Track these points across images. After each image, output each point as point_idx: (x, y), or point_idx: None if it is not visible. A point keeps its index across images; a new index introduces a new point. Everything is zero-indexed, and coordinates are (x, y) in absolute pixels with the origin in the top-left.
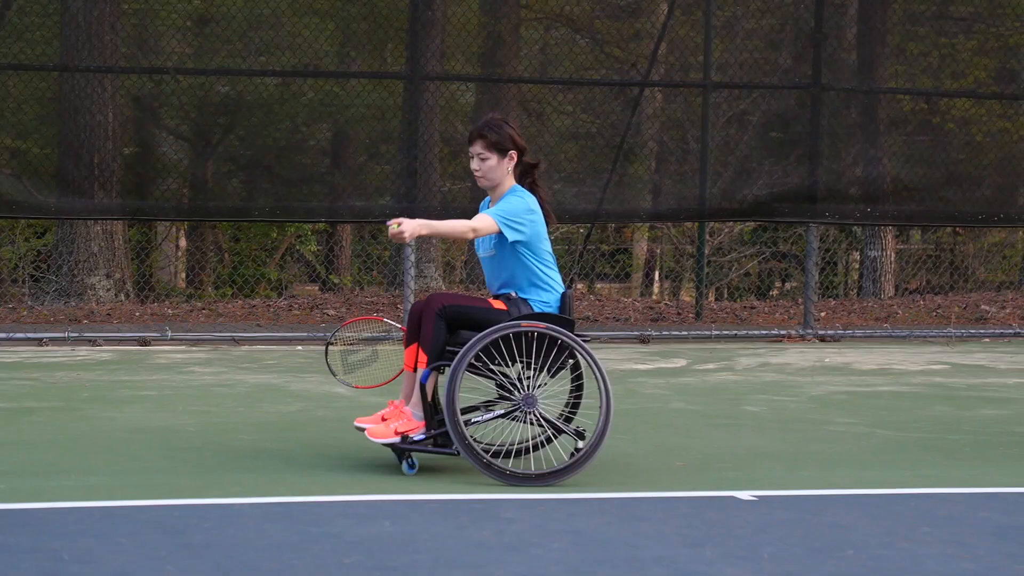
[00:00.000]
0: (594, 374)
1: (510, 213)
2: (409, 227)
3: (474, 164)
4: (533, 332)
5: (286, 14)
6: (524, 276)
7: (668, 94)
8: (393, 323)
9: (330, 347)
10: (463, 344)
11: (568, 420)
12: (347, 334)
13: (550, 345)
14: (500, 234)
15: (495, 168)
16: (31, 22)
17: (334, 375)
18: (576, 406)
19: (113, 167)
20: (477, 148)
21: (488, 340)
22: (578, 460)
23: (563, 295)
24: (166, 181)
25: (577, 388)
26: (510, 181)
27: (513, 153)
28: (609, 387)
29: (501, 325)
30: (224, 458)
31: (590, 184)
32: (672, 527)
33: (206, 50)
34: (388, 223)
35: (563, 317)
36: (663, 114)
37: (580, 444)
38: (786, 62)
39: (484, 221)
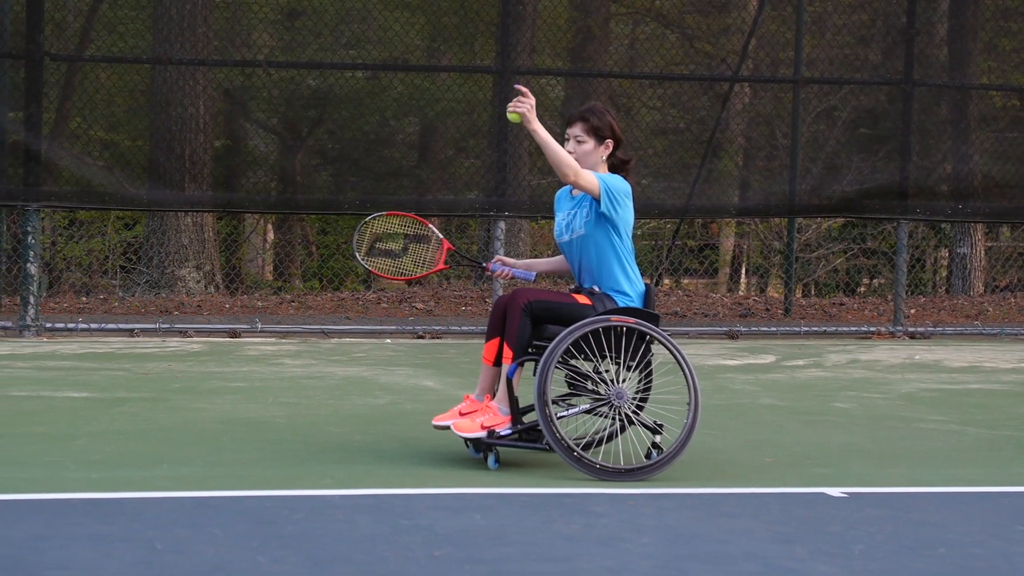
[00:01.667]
0: (682, 370)
1: (612, 187)
2: (533, 121)
3: (569, 146)
4: (622, 327)
5: (376, 8)
6: (610, 264)
7: (757, 89)
8: (436, 231)
9: (365, 226)
10: (550, 339)
11: (636, 412)
12: (382, 223)
13: (637, 340)
14: (592, 215)
15: (590, 153)
16: (124, 15)
17: (356, 252)
18: (645, 399)
19: (204, 159)
20: (576, 130)
21: (579, 334)
22: (667, 456)
23: (646, 289)
24: (256, 174)
25: (647, 382)
26: (603, 170)
27: (609, 142)
28: (697, 383)
29: (591, 319)
30: (314, 450)
31: (678, 179)
32: (762, 523)
33: (296, 43)
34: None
35: (649, 311)
36: (751, 109)
37: (658, 438)
38: (876, 58)
39: (588, 175)
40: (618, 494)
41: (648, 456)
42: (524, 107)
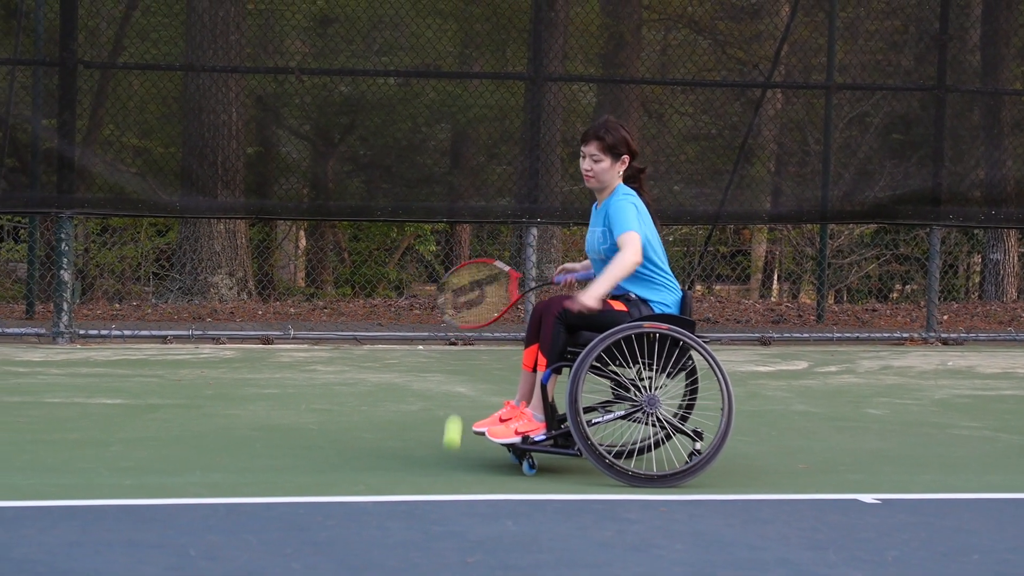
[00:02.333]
0: (716, 376)
1: (636, 219)
2: (588, 304)
3: (585, 164)
4: (655, 333)
5: (408, 14)
6: (639, 278)
7: (789, 95)
8: (503, 265)
9: (444, 287)
10: (584, 345)
11: (683, 420)
12: (456, 278)
13: (671, 346)
14: (609, 243)
15: (607, 171)
16: (157, 22)
17: (443, 314)
18: (691, 407)
19: (236, 166)
20: (591, 149)
21: (611, 341)
22: (699, 462)
23: (683, 296)
24: (288, 180)
25: (692, 390)
26: (617, 183)
27: (626, 158)
28: (731, 389)
29: (623, 326)
30: (347, 456)
31: (710, 186)
32: (795, 529)
33: (328, 50)
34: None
35: (684, 318)
36: (784, 115)
37: (698, 445)
38: (909, 63)
39: (634, 243)
40: (651, 500)
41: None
42: (589, 303)
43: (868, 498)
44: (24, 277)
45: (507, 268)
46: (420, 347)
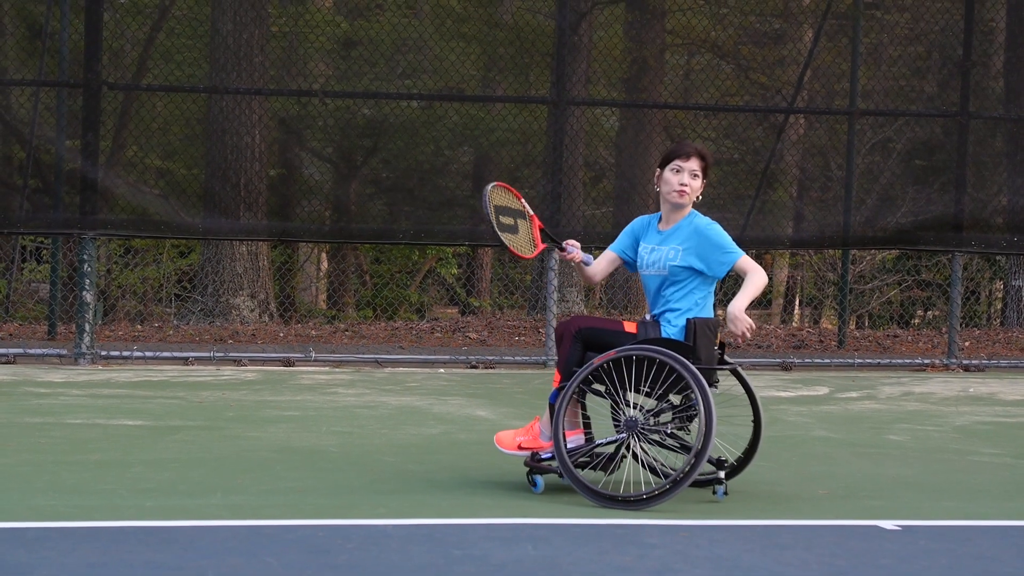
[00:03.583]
0: (698, 401)
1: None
2: (748, 325)
3: (685, 178)
4: (632, 357)
5: (432, 38)
6: (692, 295)
7: (811, 121)
8: (527, 207)
9: (492, 193)
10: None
11: (675, 437)
12: (498, 196)
13: (658, 370)
14: (683, 261)
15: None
16: (181, 44)
17: (492, 222)
18: (681, 428)
19: (259, 188)
20: (692, 164)
21: (588, 372)
22: (664, 487)
23: (686, 322)
24: (310, 203)
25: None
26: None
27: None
28: (712, 416)
29: (586, 365)
30: (368, 479)
31: (732, 210)
32: (815, 555)
33: (351, 73)
34: (735, 338)
35: (682, 343)
36: (806, 140)
37: (721, 473)
38: (932, 90)
39: (757, 264)
40: (671, 525)
41: (715, 492)
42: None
43: (888, 524)
44: (46, 298)
45: (529, 211)
46: (441, 370)
